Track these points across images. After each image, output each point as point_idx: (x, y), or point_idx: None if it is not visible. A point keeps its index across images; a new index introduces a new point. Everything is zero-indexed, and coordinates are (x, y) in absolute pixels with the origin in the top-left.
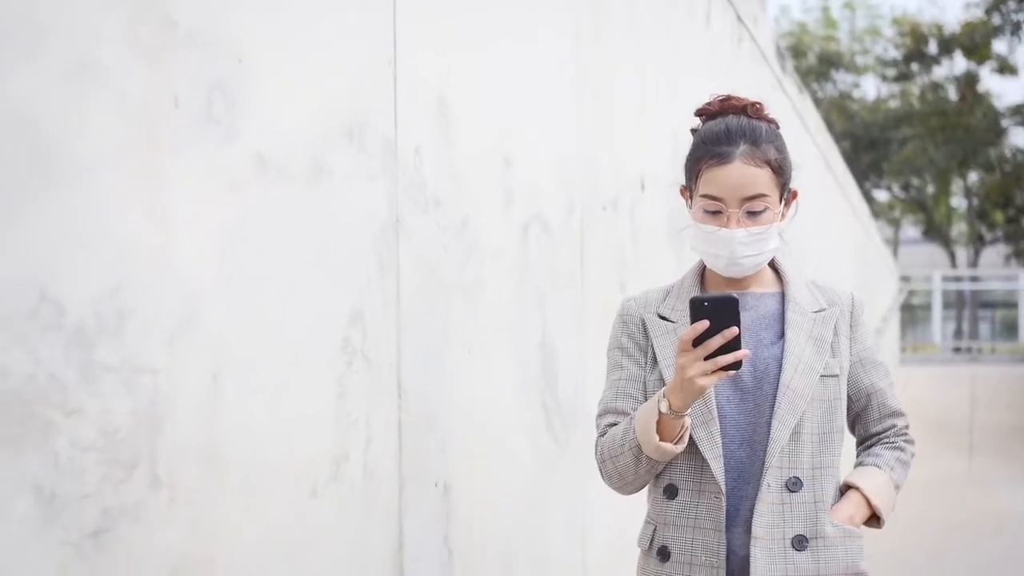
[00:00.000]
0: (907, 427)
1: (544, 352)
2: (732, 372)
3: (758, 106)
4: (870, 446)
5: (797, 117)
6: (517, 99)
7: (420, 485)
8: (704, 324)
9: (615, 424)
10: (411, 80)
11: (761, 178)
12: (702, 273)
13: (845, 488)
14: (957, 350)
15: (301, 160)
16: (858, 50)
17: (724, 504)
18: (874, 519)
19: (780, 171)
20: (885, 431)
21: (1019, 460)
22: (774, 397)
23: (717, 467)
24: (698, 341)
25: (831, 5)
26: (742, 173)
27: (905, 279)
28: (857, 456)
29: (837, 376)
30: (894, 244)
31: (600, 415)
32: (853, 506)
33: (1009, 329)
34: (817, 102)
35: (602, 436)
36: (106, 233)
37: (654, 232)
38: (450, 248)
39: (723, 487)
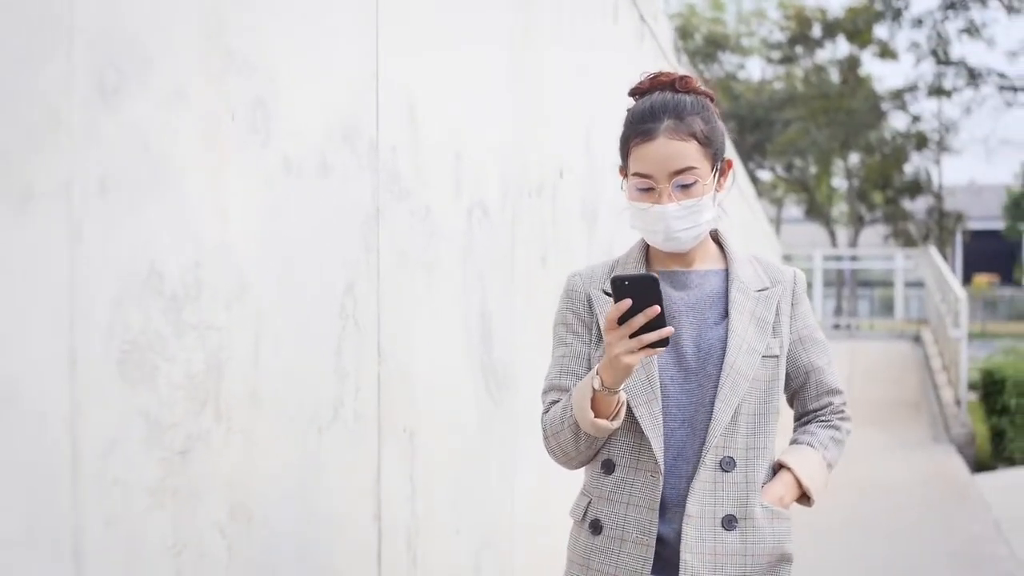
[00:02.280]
0: (844, 404)
1: (483, 321)
2: (660, 350)
3: (687, 80)
4: (806, 423)
5: None
6: (464, 100)
7: (392, 430)
8: (627, 303)
9: (558, 401)
10: (389, 91)
11: (687, 151)
12: (647, 248)
13: (777, 467)
14: (836, 327)
15: (312, 160)
16: (744, 32)
17: (661, 483)
18: (805, 498)
19: (708, 142)
20: (821, 408)
21: (893, 431)
22: (718, 377)
23: (657, 446)
24: (623, 320)
25: None
26: (667, 148)
27: (787, 258)
28: (793, 432)
29: (776, 356)
30: (777, 223)
31: (545, 391)
32: (783, 486)
33: (887, 307)
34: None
35: (545, 413)
36: (190, 220)
37: (570, 215)
38: (416, 231)
39: (662, 466)
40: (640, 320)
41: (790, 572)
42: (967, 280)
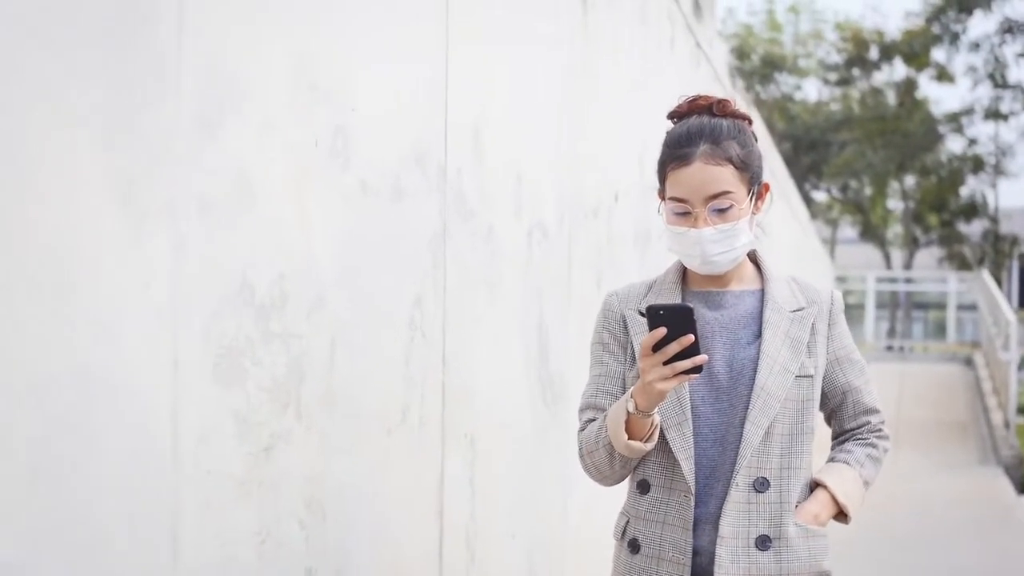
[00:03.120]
0: (882, 423)
1: (540, 335)
2: (693, 377)
3: (724, 103)
4: (843, 441)
5: None
6: (525, 127)
7: (455, 435)
8: (661, 331)
9: (594, 420)
10: (456, 117)
11: (723, 175)
12: (684, 269)
13: (814, 485)
14: (889, 348)
15: (387, 183)
16: (801, 53)
17: (693, 503)
18: (841, 515)
19: (744, 166)
20: (859, 427)
21: (940, 452)
22: (748, 397)
23: (688, 467)
24: (658, 347)
25: (776, 8)
26: (703, 172)
27: (841, 279)
28: (831, 451)
29: (811, 376)
30: (831, 244)
31: (581, 410)
32: (819, 504)
33: (940, 329)
34: (760, 103)
35: (581, 431)
36: (277, 238)
37: (623, 236)
38: (479, 250)
39: (692, 487)
40: (674, 348)
41: None
42: (1023, 304)
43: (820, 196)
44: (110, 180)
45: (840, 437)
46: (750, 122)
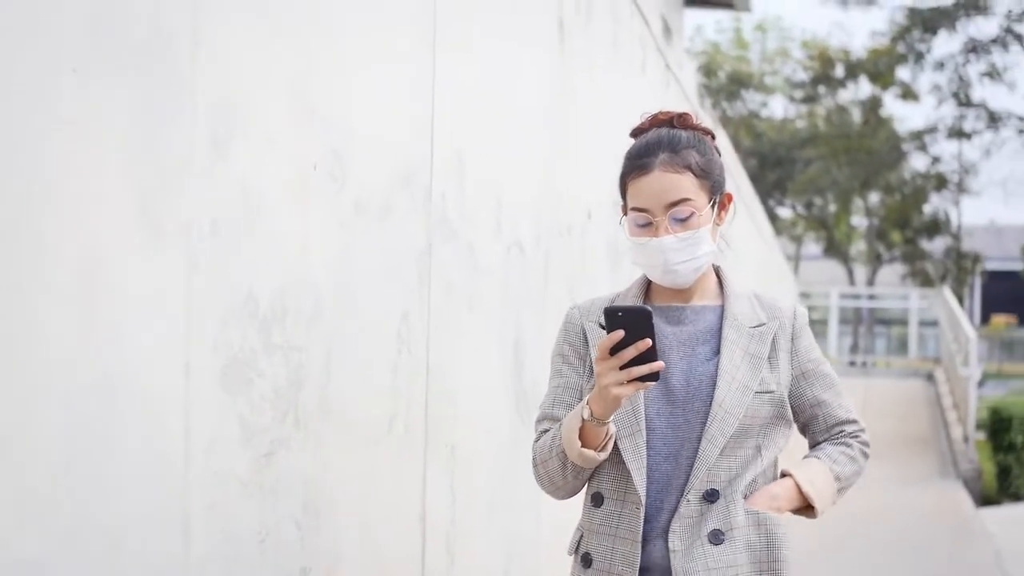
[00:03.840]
0: (860, 430)
1: (517, 349)
2: (649, 384)
3: (685, 117)
4: (819, 444)
5: None
6: (505, 152)
7: (437, 443)
8: (619, 334)
9: (549, 430)
10: (442, 142)
11: (682, 183)
12: (648, 283)
13: (781, 477)
14: (852, 364)
15: (377, 203)
16: (768, 71)
17: (642, 515)
18: (809, 509)
19: (704, 174)
20: (833, 437)
21: (901, 465)
22: (705, 414)
23: (639, 479)
24: (616, 351)
25: (743, 26)
26: (663, 180)
27: (805, 295)
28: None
29: (772, 392)
30: (796, 260)
31: (538, 420)
32: (780, 487)
33: (902, 345)
34: (727, 120)
35: (536, 441)
36: (278, 254)
37: (596, 253)
38: (461, 267)
39: (643, 499)
40: (631, 352)
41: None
42: (985, 320)
43: (785, 212)
44: (130, 198)
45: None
46: (712, 136)
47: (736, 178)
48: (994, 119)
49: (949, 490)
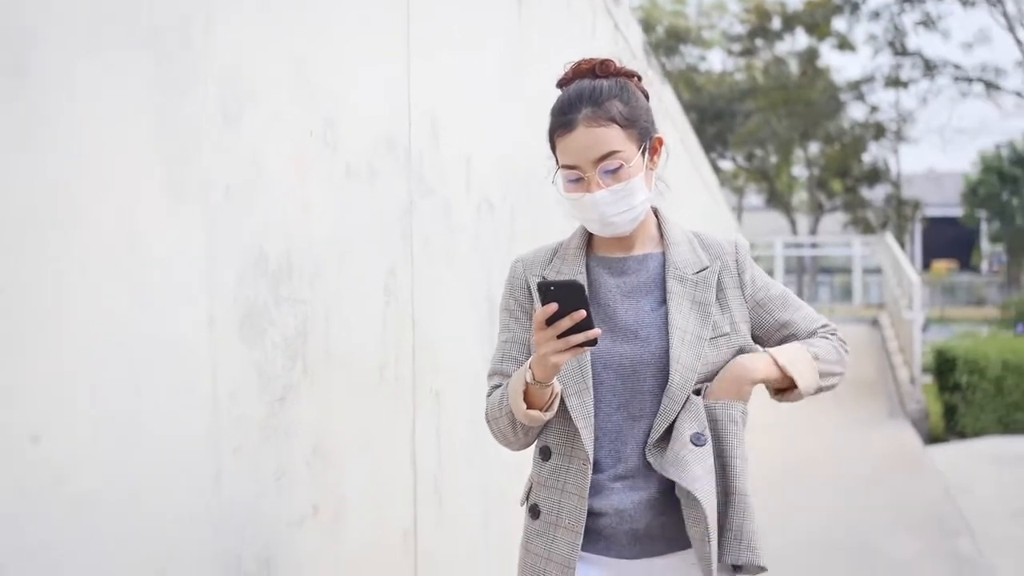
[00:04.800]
0: (834, 330)
1: (490, 302)
2: (586, 349)
3: (607, 64)
4: None
5: (658, 102)
6: (473, 115)
7: (422, 390)
8: (552, 307)
9: (499, 386)
10: (419, 107)
11: (608, 136)
12: (589, 233)
13: None
14: None
15: (364, 165)
16: (705, 25)
17: (589, 472)
18: (791, 389)
19: (630, 123)
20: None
21: (851, 407)
22: (655, 363)
23: (587, 435)
24: (551, 320)
25: None
26: (587, 136)
27: (750, 246)
28: None
29: (728, 334)
30: (738, 211)
31: (489, 375)
32: (754, 359)
33: (846, 292)
34: (666, 75)
35: (488, 396)
36: (284, 214)
37: (553, 207)
38: (439, 223)
39: (591, 456)
40: (566, 323)
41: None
42: (926, 266)
43: (726, 165)
44: (153, 167)
45: None
46: (638, 79)
47: (682, 132)
48: (930, 67)
49: (898, 430)
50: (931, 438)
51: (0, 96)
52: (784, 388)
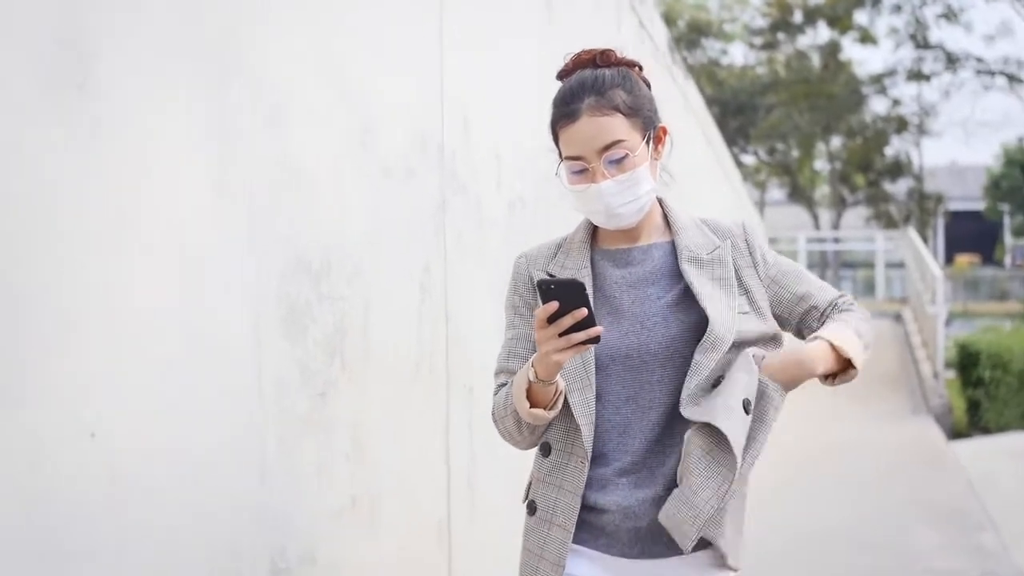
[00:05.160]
0: (852, 301)
1: None
2: (588, 346)
3: (607, 53)
4: None
5: (682, 97)
6: (504, 113)
7: (457, 384)
8: (553, 306)
9: (505, 383)
10: (451, 108)
11: (612, 125)
12: (593, 225)
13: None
14: None
15: (400, 165)
16: (727, 18)
17: (587, 470)
18: (845, 369)
19: (633, 112)
20: (832, 311)
21: (875, 402)
22: (663, 354)
23: (587, 433)
24: (552, 318)
25: None
26: (591, 125)
27: (772, 240)
28: None
29: (747, 313)
30: (760, 206)
31: (496, 373)
32: (814, 351)
33: (869, 287)
34: (688, 69)
35: (495, 395)
36: (324, 214)
37: None
38: (471, 219)
39: (589, 454)
40: (568, 321)
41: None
42: (949, 260)
43: (748, 159)
44: (206, 172)
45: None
46: (640, 68)
47: (708, 134)
48: (952, 60)
49: (921, 425)
50: (954, 433)
51: (67, 108)
52: (836, 372)
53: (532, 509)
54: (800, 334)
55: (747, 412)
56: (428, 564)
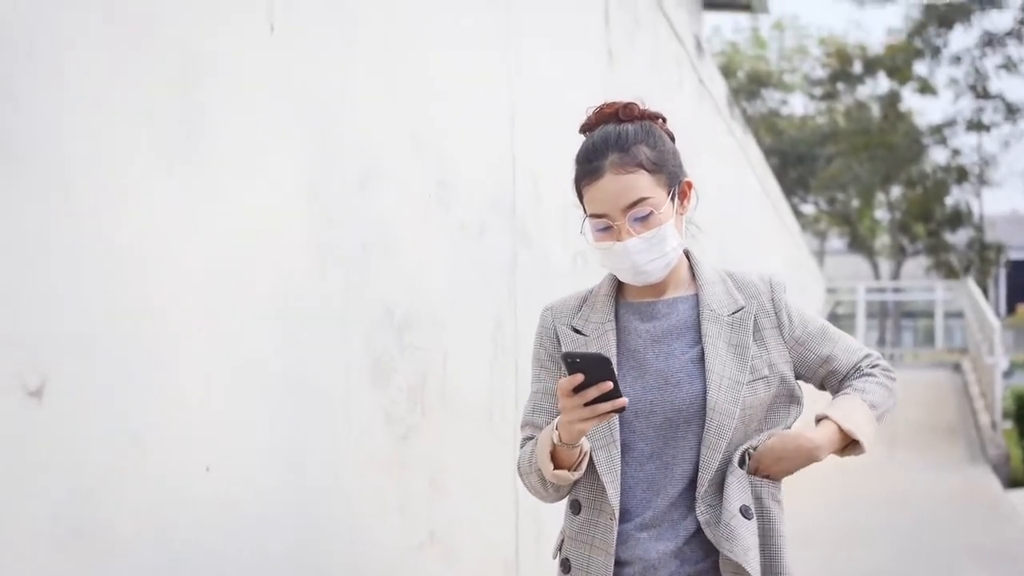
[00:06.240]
0: (876, 361)
1: None
2: (613, 415)
3: (630, 107)
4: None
5: (741, 152)
6: (567, 169)
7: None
8: (579, 377)
9: (531, 438)
10: (522, 168)
11: (636, 183)
12: (617, 279)
13: (817, 422)
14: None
15: (476, 223)
16: (786, 69)
17: (615, 527)
18: (853, 445)
19: (657, 168)
20: (853, 375)
21: (932, 452)
22: (688, 410)
23: (612, 491)
24: (578, 388)
25: (761, 25)
26: (615, 184)
27: (831, 291)
28: None
29: (766, 377)
30: (820, 255)
31: (521, 427)
32: (818, 433)
33: (929, 337)
34: (747, 119)
35: (521, 448)
36: (408, 272)
37: None
38: (538, 274)
39: (616, 511)
40: (593, 393)
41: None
42: (1011, 310)
43: (808, 209)
44: (309, 234)
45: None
46: (662, 121)
47: (766, 186)
48: (1012, 111)
49: (978, 475)
50: (1011, 482)
51: (178, 173)
52: (845, 446)
53: (567, 567)
54: (822, 387)
55: (747, 517)
56: None
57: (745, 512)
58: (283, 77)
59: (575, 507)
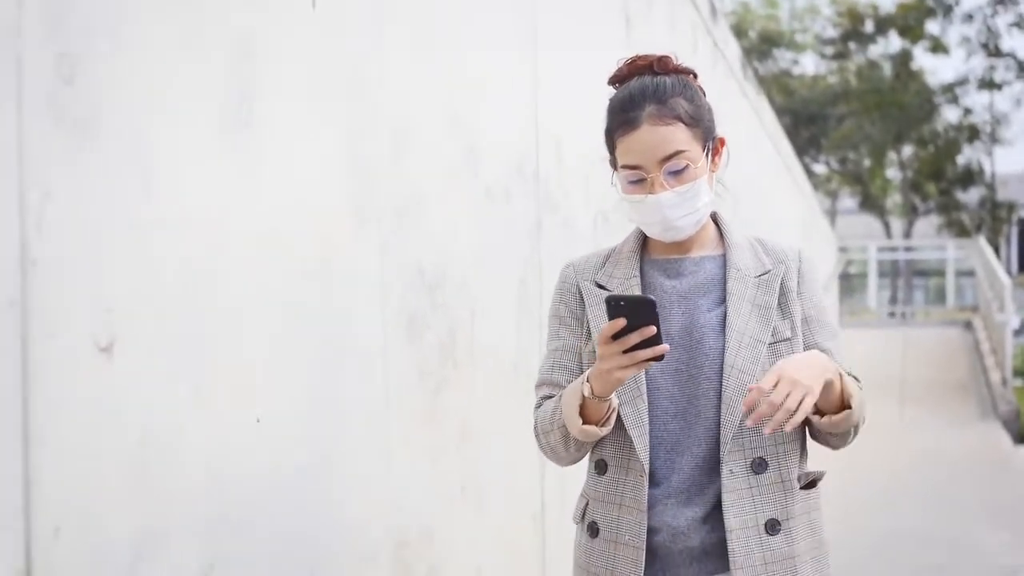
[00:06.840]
0: (860, 383)
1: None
2: (651, 364)
3: (665, 60)
4: None
5: (754, 114)
6: (591, 137)
7: None
8: (621, 323)
9: (550, 396)
10: (545, 133)
11: (674, 135)
12: (643, 235)
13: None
14: (891, 315)
15: (501, 188)
16: (798, 28)
17: (647, 484)
18: (831, 415)
19: (695, 122)
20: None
21: (943, 409)
22: (709, 368)
23: (641, 445)
24: (618, 335)
25: None
26: (653, 135)
27: (843, 250)
28: None
29: (789, 339)
30: (832, 215)
31: (538, 385)
32: (811, 356)
33: (940, 295)
34: (759, 80)
35: (537, 408)
36: (439, 235)
37: None
38: (561, 236)
39: (646, 467)
40: (635, 338)
41: (829, 556)
42: (1022, 269)
43: (819, 168)
44: (348, 198)
45: None
46: (695, 76)
47: (779, 146)
48: (1023, 69)
49: (989, 431)
50: (1021, 438)
51: (231, 144)
52: (825, 413)
53: (594, 531)
54: None
55: (771, 533)
56: (525, 547)
57: (770, 528)
58: (323, 51)
59: (600, 467)
